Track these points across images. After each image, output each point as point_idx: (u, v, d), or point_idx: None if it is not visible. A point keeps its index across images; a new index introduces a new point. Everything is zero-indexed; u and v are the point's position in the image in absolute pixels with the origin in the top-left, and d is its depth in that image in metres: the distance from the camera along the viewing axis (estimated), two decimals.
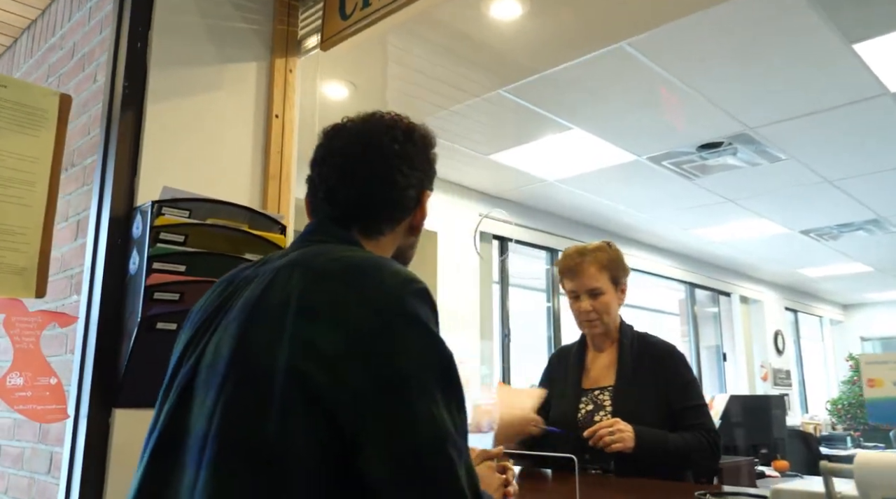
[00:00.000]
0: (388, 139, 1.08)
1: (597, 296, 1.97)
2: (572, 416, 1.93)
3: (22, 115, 1.61)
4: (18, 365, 1.55)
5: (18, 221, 1.57)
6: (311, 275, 0.88)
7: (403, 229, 1.09)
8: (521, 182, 5.19)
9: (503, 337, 5.66)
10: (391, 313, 0.84)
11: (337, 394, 0.79)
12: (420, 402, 0.81)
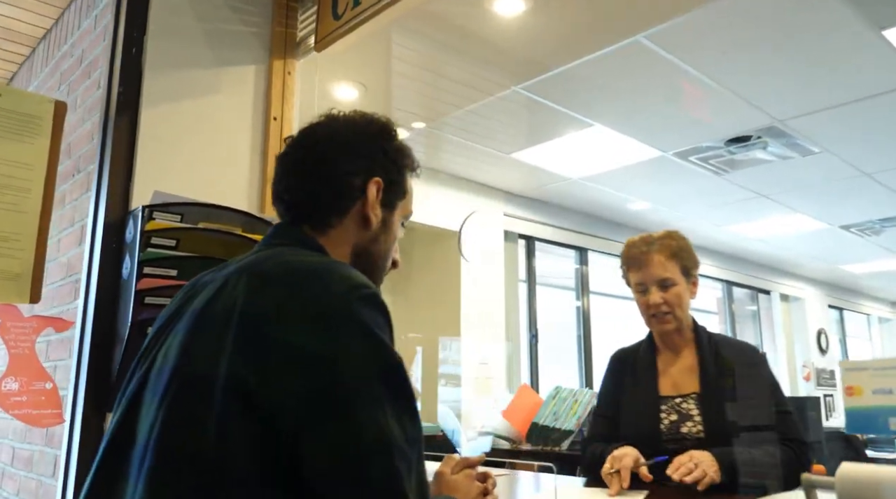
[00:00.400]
0: (328, 131, 1.08)
1: (667, 287, 1.80)
2: (653, 427, 1.74)
3: (16, 123, 1.63)
4: (14, 370, 1.57)
5: (13, 227, 1.60)
6: (257, 281, 0.86)
7: (354, 222, 1.06)
8: (544, 180, 5.12)
9: (530, 338, 5.60)
10: (335, 319, 0.81)
11: (278, 402, 0.77)
12: (364, 411, 0.78)
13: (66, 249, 2.06)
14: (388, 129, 1.13)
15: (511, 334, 5.28)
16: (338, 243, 1.04)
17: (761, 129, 4.15)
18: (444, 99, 3.50)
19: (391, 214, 1.10)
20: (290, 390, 0.77)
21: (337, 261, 0.96)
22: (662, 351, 1.87)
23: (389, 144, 1.11)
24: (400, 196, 1.12)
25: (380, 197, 1.07)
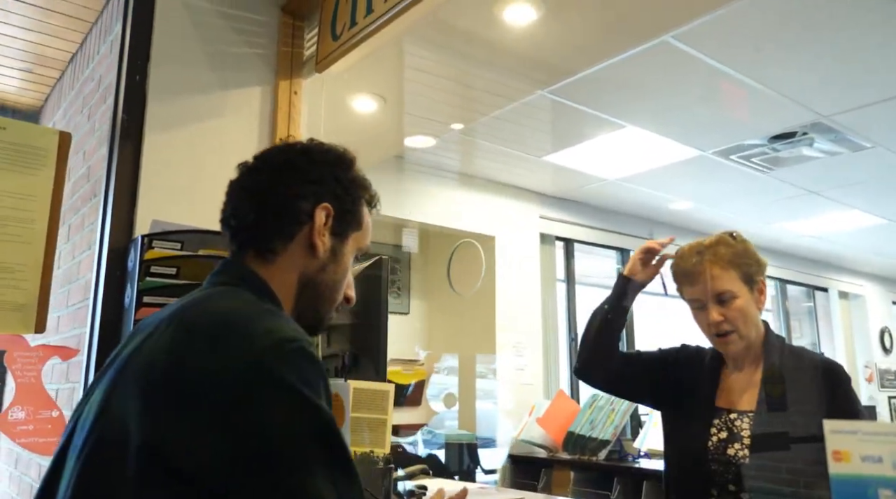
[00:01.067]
0: (280, 156, 1.06)
1: (727, 302, 1.59)
2: (701, 442, 1.59)
3: (21, 155, 1.65)
4: (20, 399, 1.60)
5: (17, 258, 1.62)
6: (181, 333, 0.83)
7: (301, 248, 1.01)
8: (580, 182, 5.02)
9: (570, 341, 5.50)
10: (256, 380, 0.76)
11: (201, 466, 0.73)
12: (291, 477, 0.73)
13: (84, 273, 2.09)
14: (345, 158, 1.09)
15: (549, 339, 5.19)
16: (283, 271, 1.00)
17: (806, 125, 3.96)
18: (465, 106, 3.44)
19: (342, 243, 1.06)
20: (216, 454, 0.73)
21: (268, 310, 0.90)
22: (728, 363, 1.69)
23: (344, 172, 1.07)
24: (353, 227, 1.08)
25: (329, 224, 1.03)
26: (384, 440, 1.74)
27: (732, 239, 1.66)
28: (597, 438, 4.12)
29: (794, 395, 1.54)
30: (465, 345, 4.96)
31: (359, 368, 1.98)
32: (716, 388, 1.66)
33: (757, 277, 1.64)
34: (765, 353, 1.62)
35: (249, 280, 0.97)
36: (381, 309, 1.94)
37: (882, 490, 0.79)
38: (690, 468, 1.59)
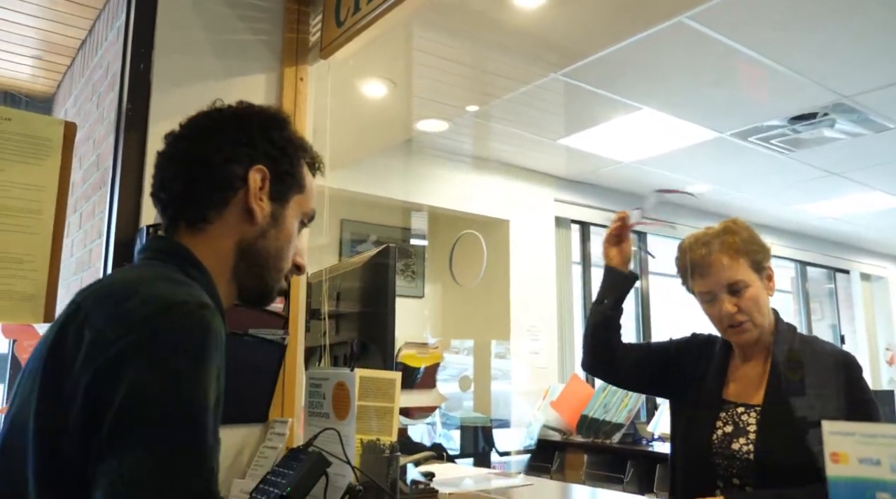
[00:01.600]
0: (208, 121, 0.99)
1: (739, 291, 1.54)
2: (706, 435, 1.56)
3: (26, 145, 1.66)
4: None
5: (26, 249, 1.63)
6: (71, 312, 0.80)
7: (236, 215, 0.96)
8: (596, 165, 4.96)
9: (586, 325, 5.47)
10: (127, 346, 0.72)
11: (75, 446, 0.71)
12: (126, 458, 0.68)
13: (95, 261, 2.11)
14: (277, 118, 1.03)
15: (564, 322, 5.17)
16: (216, 239, 0.95)
17: (827, 106, 3.87)
18: (477, 89, 3.41)
19: (283, 207, 1.00)
20: (84, 433, 0.71)
21: (165, 276, 0.85)
22: (737, 353, 1.65)
23: (279, 132, 1.01)
24: (294, 190, 1.02)
25: (266, 188, 0.97)
26: (391, 428, 1.74)
27: (735, 226, 1.61)
28: (610, 421, 4.12)
29: (803, 388, 1.49)
30: (479, 328, 4.96)
31: (367, 356, 1.98)
32: (723, 379, 1.63)
33: (764, 263, 1.60)
34: (775, 344, 1.57)
35: (169, 252, 0.93)
36: (388, 297, 1.93)
37: (879, 493, 0.77)
38: (695, 461, 1.56)
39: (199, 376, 0.73)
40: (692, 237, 1.64)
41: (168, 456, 0.69)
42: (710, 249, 1.57)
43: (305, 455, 1.38)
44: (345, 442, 1.50)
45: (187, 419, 0.71)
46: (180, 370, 0.72)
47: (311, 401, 1.72)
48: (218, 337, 0.77)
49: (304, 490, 1.31)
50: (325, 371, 1.72)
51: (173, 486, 0.69)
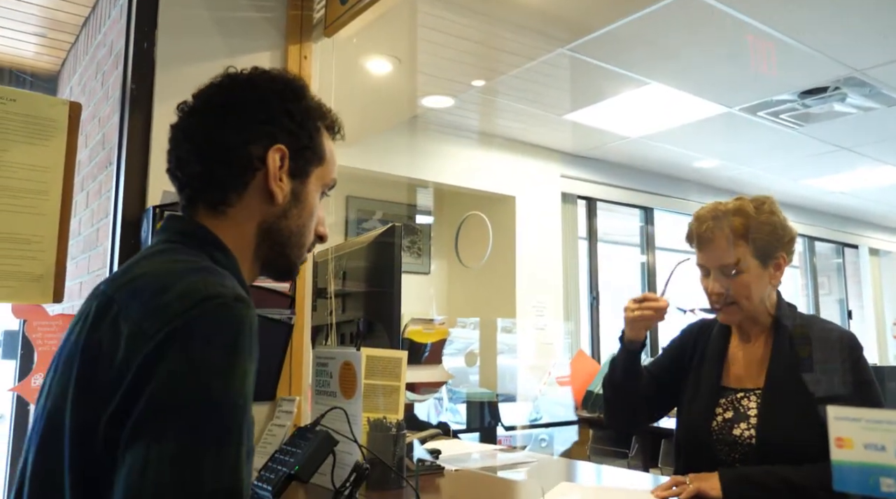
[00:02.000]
0: (222, 94, 0.94)
1: (731, 274, 1.52)
2: (705, 422, 1.56)
3: (32, 126, 1.66)
4: (42, 367, 1.64)
5: (33, 230, 1.64)
6: (104, 304, 0.78)
7: (257, 197, 0.93)
8: (602, 140, 4.93)
9: (591, 300, 5.49)
10: (164, 340, 0.71)
11: (108, 440, 0.70)
12: (152, 449, 0.67)
13: (103, 241, 2.12)
14: (295, 86, 0.98)
15: (570, 298, 5.18)
16: (238, 221, 0.92)
17: (838, 79, 3.82)
18: (483, 65, 3.38)
19: (303, 184, 0.97)
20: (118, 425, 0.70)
21: (193, 267, 0.82)
22: (736, 334, 1.63)
23: (297, 104, 0.96)
24: (314, 163, 0.98)
25: (286, 167, 0.94)
26: (397, 406, 1.76)
27: (755, 209, 1.55)
28: None
29: (811, 365, 1.49)
30: (485, 304, 4.97)
31: (373, 335, 1.99)
32: (723, 364, 1.61)
33: (776, 252, 1.55)
34: (774, 327, 1.56)
35: (192, 235, 0.90)
36: (394, 276, 1.94)
37: (884, 479, 0.77)
38: (696, 447, 1.57)
39: (233, 372, 0.72)
40: (709, 207, 1.61)
41: (194, 448, 0.68)
42: (716, 225, 1.54)
43: (313, 434, 1.39)
44: (352, 421, 1.51)
45: (217, 414, 0.70)
46: (214, 365, 0.71)
47: (318, 380, 1.74)
48: (252, 330, 0.76)
49: (312, 468, 1.33)
50: (331, 350, 1.73)
51: (196, 479, 0.67)
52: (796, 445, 1.42)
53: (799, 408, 1.46)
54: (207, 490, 0.67)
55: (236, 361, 0.73)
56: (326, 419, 1.52)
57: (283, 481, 1.32)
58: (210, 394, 0.70)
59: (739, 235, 1.52)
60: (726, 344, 1.63)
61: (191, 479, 0.67)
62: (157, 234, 0.93)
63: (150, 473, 0.66)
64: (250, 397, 0.75)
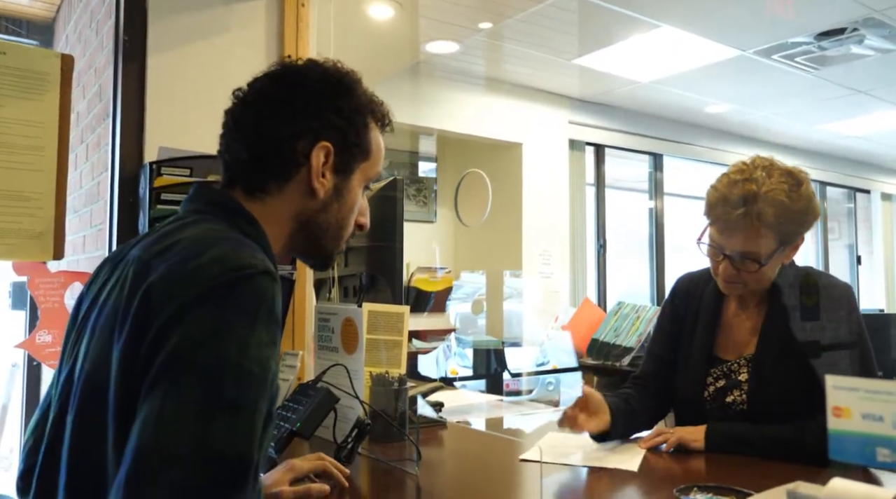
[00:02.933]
0: (275, 85, 0.96)
1: (748, 263, 1.43)
2: (697, 393, 1.55)
3: (24, 80, 1.62)
4: (46, 323, 1.65)
5: (31, 186, 1.62)
6: (141, 271, 0.79)
7: (298, 190, 0.95)
8: (611, 85, 4.82)
9: (598, 248, 5.47)
10: (188, 302, 0.72)
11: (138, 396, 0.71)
12: (167, 401, 0.68)
13: (104, 194, 2.10)
14: (346, 81, 0.98)
15: (577, 246, 5.17)
16: (275, 209, 0.94)
17: (857, 21, 3.70)
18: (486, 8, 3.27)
19: (346, 179, 0.98)
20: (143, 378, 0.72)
21: (224, 237, 0.83)
22: (732, 301, 1.58)
23: (346, 100, 0.97)
24: (360, 159, 0.99)
25: (330, 163, 0.95)
26: (400, 361, 1.77)
27: (789, 193, 1.40)
28: (620, 345, 4.16)
29: (805, 318, 1.47)
30: (492, 252, 4.97)
31: (376, 289, 2.00)
32: (715, 333, 1.58)
33: (797, 238, 1.47)
34: (771, 291, 1.52)
35: (222, 205, 0.92)
36: (396, 230, 1.93)
37: (880, 449, 0.77)
38: (691, 414, 1.57)
39: (251, 340, 0.73)
40: (739, 178, 1.44)
41: (208, 407, 0.68)
42: (746, 213, 1.40)
43: (314, 391, 1.40)
44: (353, 377, 1.52)
45: (233, 379, 0.71)
46: (233, 331, 0.72)
47: (320, 335, 1.74)
48: (275, 304, 0.77)
49: (313, 425, 1.34)
50: (333, 307, 1.73)
51: (206, 436, 0.67)
52: (787, 410, 1.42)
53: (790, 373, 1.45)
54: (216, 450, 0.67)
55: (255, 328, 0.74)
56: (329, 375, 1.54)
57: (286, 438, 1.34)
58: (227, 358, 0.71)
59: (769, 226, 1.40)
60: (719, 311, 1.59)
61: (201, 435, 0.67)
62: (187, 202, 0.94)
63: (164, 425, 0.67)
64: (271, 368, 0.75)
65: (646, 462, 1.41)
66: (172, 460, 0.66)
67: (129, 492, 0.65)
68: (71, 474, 0.78)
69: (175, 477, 0.65)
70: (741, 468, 1.36)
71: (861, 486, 0.76)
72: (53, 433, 0.84)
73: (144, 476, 0.65)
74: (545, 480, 1.34)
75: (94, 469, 0.75)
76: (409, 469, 1.35)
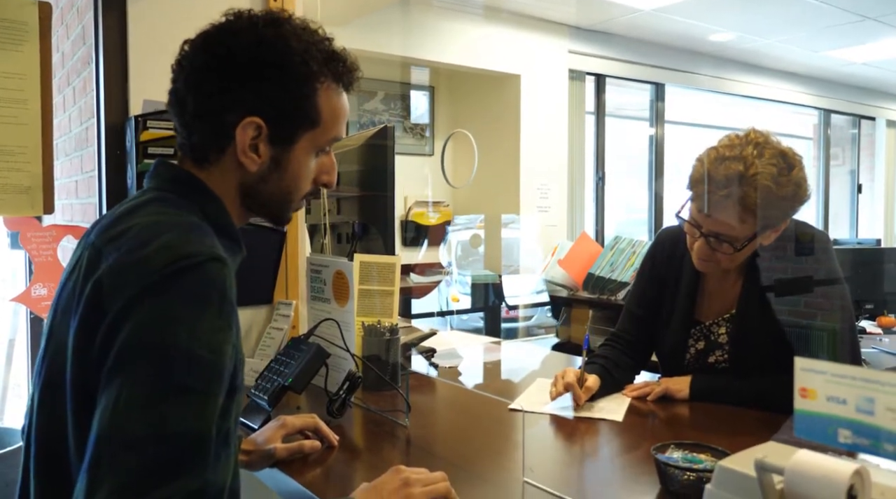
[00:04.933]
0: (202, 52, 0.91)
1: (723, 245, 1.42)
2: (678, 356, 1.58)
3: (2, 31, 1.58)
4: (40, 277, 1.67)
5: (16, 140, 1.61)
6: (94, 256, 0.82)
7: (234, 162, 0.92)
8: (612, 13, 4.68)
9: (597, 181, 5.44)
10: (138, 291, 0.74)
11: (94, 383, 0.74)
12: (122, 389, 0.71)
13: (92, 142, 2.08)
14: (286, 48, 0.90)
15: (575, 181, 5.14)
16: (219, 177, 0.93)
17: None
18: None
19: (287, 149, 0.94)
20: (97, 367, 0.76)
21: (176, 223, 0.84)
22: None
23: (284, 69, 0.90)
24: (304, 127, 0.93)
25: (264, 135, 0.91)
26: (392, 311, 1.79)
27: (777, 178, 1.37)
28: (616, 280, 4.21)
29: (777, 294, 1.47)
30: (489, 185, 4.94)
31: (368, 237, 2.00)
32: (695, 299, 1.58)
33: (779, 222, 1.44)
34: (752, 259, 1.50)
35: (183, 182, 0.92)
36: (387, 180, 1.91)
37: (842, 430, 0.80)
38: (674, 374, 1.60)
39: (200, 325, 0.75)
40: (721, 155, 1.41)
41: (161, 391, 0.71)
42: (726, 194, 1.38)
43: (306, 346, 1.43)
44: (344, 329, 1.55)
45: (183, 362, 0.73)
46: (182, 317, 0.74)
47: (312, 286, 1.77)
48: (225, 289, 0.79)
49: (305, 380, 1.38)
50: (325, 258, 1.74)
51: (161, 419, 0.70)
52: (767, 365, 1.45)
53: (769, 330, 1.47)
54: (170, 432, 0.70)
55: (204, 315, 0.76)
56: (322, 326, 1.57)
57: (279, 392, 1.38)
58: (176, 342, 0.73)
59: (751, 211, 1.38)
60: (701, 276, 1.58)
61: (155, 420, 0.70)
62: (148, 179, 0.94)
63: (119, 412, 0.70)
64: (225, 352, 0.77)
65: (631, 413, 1.46)
66: (129, 443, 0.69)
67: (90, 477, 0.68)
68: (38, 452, 0.83)
69: (132, 460, 0.68)
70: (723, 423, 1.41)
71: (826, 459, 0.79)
72: (29, 411, 0.89)
73: (105, 462, 0.69)
74: (531, 430, 1.39)
75: (57, 447, 0.80)
76: (400, 421, 1.40)
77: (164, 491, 0.68)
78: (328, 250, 2.02)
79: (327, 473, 1.19)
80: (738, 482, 0.81)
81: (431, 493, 0.96)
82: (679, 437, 1.18)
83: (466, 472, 1.15)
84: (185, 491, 0.69)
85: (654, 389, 1.53)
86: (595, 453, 1.31)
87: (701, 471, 1.00)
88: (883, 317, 4.44)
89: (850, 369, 0.76)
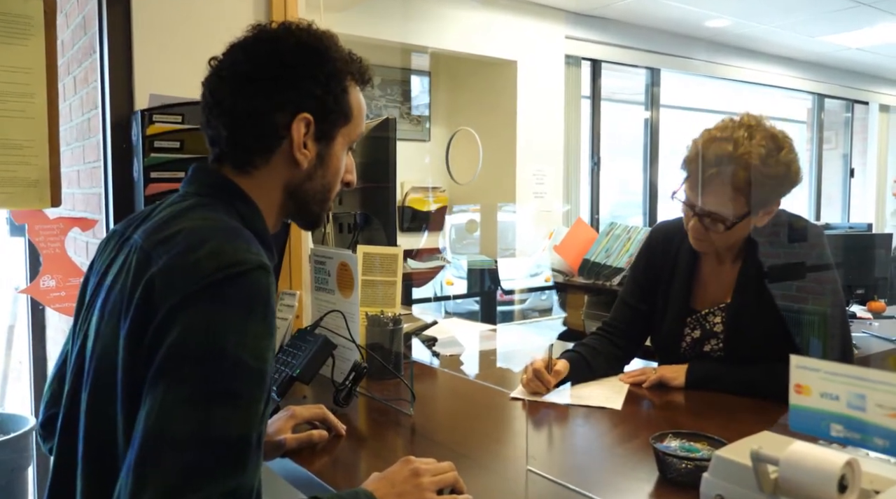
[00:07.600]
0: (245, 60, 0.95)
1: (716, 223, 1.46)
2: (674, 345, 1.62)
3: (7, 25, 1.59)
4: (49, 269, 1.69)
5: (23, 134, 1.62)
6: (143, 260, 0.83)
7: (283, 162, 0.97)
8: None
9: (592, 166, 5.47)
10: (189, 296, 0.77)
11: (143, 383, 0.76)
12: (169, 390, 0.74)
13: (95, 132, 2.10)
14: (322, 46, 0.97)
15: (571, 167, 5.16)
16: (263, 182, 0.97)
17: None
18: None
19: (329, 145, 1.00)
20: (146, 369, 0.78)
21: (222, 228, 0.86)
22: (708, 254, 1.59)
23: (323, 68, 0.96)
24: (340, 123, 1.00)
25: (311, 132, 0.97)
26: (394, 300, 1.83)
27: (766, 159, 1.41)
28: (611, 265, 4.25)
29: (770, 280, 1.50)
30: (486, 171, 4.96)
31: (370, 228, 2.03)
32: (691, 287, 1.61)
33: (771, 203, 1.48)
34: (747, 247, 1.54)
35: (221, 189, 0.95)
36: (389, 171, 1.94)
37: (834, 425, 0.83)
38: (670, 363, 1.63)
39: (246, 332, 0.77)
40: (720, 137, 1.45)
41: (206, 395, 0.74)
42: (716, 172, 1.42)
43: (313, 337, 1.47)
44: (349, 320, 1.59)
45: (229, 368, 0.75)
46: (229, 324, 0.77)
47: (316, 277, 1.79)
48: (269, 297, 0.81)
49: (312, 371, 1.41)
50: (329, 250, 1.77)
51: (205, 423, 0.73)
52: (763, 354, 1.48)
53: (764, 319, 1.50)
54: (215, 435, 0.73)
55: (250, 322, 0.79)
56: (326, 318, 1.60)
57: (287, 382, 1.41)
58: (224, 349, 0.76)
59: (740, 190, 1.43)
60: (696, 265, 1.61)
61: (201, 422, 0.73)
62: (185, 184, 0.97)
63: (165, 413, 0.73)
64: (267, 359, 0.80)
65: (629, 401, 1.50)
66: (174, 444, 0.71)
67: (136, 475, 0.71)
68: (87, 450, 0.84)
69: (177, 460, 0.71)
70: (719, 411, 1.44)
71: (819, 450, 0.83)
72: (69, 408, 0.90)
73: (149, 460, 0.71)
74: (532, 418, 1.43)
75: (106, 445, 0.81)
76: (405, 410, 1.44)
77: (203, 493, 0.71)
78: (330, 241, 2.05)
79: (335, 461, 1.23)
80: (735, 471, 0.85)
81: (440, 482, 0.99)
82: (676, 425, 1.22)
83: (471, 460, 1.19)
84: (222, 493, 0.72)
85: (650, 376, 1.57)
86: (595, 441, 1.36)
87: (698, 460, 1.04)
88: (873, 301, 4.51)
89: (843, 367, 0.80)
